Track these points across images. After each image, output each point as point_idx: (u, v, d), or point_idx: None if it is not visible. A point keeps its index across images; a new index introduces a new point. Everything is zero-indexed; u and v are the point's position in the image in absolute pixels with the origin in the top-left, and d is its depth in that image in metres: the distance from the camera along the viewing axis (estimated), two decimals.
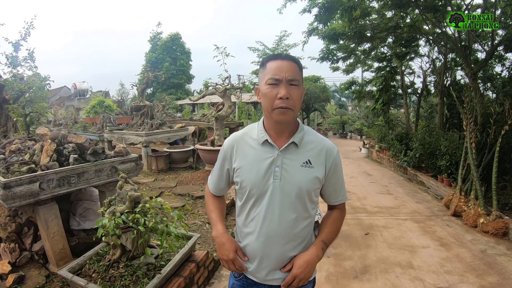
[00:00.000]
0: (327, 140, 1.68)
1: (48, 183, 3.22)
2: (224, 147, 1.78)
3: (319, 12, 8.16)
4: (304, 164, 1.58)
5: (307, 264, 1.58)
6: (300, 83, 1.53)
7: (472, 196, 5.71)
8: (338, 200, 1.75)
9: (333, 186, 1.70)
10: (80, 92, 35.26)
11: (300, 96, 1.54)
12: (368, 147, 14.52)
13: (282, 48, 18.26)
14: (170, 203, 3.80)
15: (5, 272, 3.24)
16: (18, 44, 8.44)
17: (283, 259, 1.62)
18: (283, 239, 1.60)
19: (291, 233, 1.60)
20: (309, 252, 1.62)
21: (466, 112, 6.30)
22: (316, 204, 1.69)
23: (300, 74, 1.55)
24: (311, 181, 1.58)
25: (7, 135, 6.18)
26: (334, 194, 1.73)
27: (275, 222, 1.59)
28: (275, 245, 1.61)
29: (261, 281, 1.67)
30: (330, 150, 1.63)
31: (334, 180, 1.68)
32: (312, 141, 1.64)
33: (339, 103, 41.66)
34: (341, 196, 1.74)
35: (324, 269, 3.99)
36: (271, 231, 1.60)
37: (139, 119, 10.73)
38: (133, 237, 2.69)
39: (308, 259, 1.59)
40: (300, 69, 1.56)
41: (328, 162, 1.62)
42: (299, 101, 1.54)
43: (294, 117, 1.57)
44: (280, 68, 1.50)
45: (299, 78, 1.52)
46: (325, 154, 1.62)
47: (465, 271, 3.97)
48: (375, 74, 14.28)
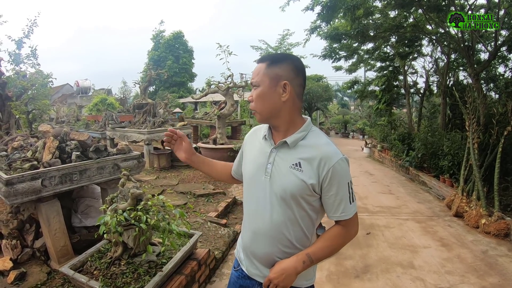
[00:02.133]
0: (330, 146, 1.53)
1: (50, 180, 3.23)
2: (245, 137, 1.84)
3: (322, 11, 8.14)
4: (293, 166, 1.50)
5: (283, 272, 1.50)
6: (262, 83, 1.50)
7: (474, 197, 5.70)
8: (335, 215, 1.54)
9: (329, 199, 1.51)
10: (83, 89, 35.43)
11: (257, 96, 1.51)
12: (370, 147, 14.50)
13: (285, 47, 18.22)
14: (172, 201, 3.79)
15: (7, 269, 3.24)
16: (21, 41, 8.48)
17: (269, 260, 1.59)
18: (270, 239, 1.56)
19: (278, 236, 1.54)
20: (288, 260, 1.53)
21: (468, 113, 6.29)
22: (310, 216, 1.56)
23: (267, 72, 1.49)
24: (297, 185, 1.47)
25: (9, 132, 6.19)
26: (331, 208, 1.53)
27: (263, 219, 1.57)
28: (261, 243, 1.59)
29: (251, 275, 1.67)
30: (328, 158, 1.47)
31: (331, 192, 1.49)
32: (310, 144, 1.53)
33: (342, 102, 41.69)
34: (339, 212, 1.52)
35: (325, 268, 3.99)
36: (258, 228, 1.59)
37: (141, 117, 10.74)
38: (135, 234, 2.70)
39: (284, 267, 1.51)
40: (272, 65, 1.50)
41: (322, 171, 1.47)
42: (258, 101, 1.51)
43: (262, 118, 1.56)
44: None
45: (260, 78, 1.49)
46: (319, 162, 1.47)
47: (466, 272, 3.97)
48: (378, 74, 14.25)
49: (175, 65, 35.64)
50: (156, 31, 37.69)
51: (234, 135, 12.84)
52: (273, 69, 1.49)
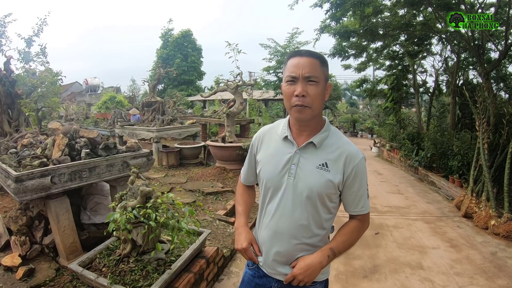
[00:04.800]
0: (352, 146, 1.60)
1: (60, 177, 3.24)
2: (253, 139, 1.81)
3: (331, 8, 8.12)
4: (320, 166, 1.54)
5: (308, 267, 1.55)
6: (320, 80, 1.48)
7: (484, 198, 5.64)
8: (356, 210, 1.64)
9: (351, 195, 1.60)
10: (92, 87, 35.69)
11: (319, 93, 1.49)
12: (379, 146, 14.40)
13: (294, 46, 18.11)
14: (180, 199, 3.79)
15: (16, 265, 3.26)
16: (30, 39, 8.53)
17: (290, 258, 1.61)
18: (292, 238, 1.59)
19: (300, 235, 1.58)
20: (313, 256, 1.57)
21: (478, 112, 6.23)
22: (332, 212, 1.63)
23: (322, 70, 1.50)
24: (324, 185, 1.52)
25: (19, 130, 6.24)
26: (352, 203, 1.62)
27: (285, 219, 1.58)
28: (282, 241, 1.60)
29: (269, 274, 1.68)
30: (352, 157, 1.55)
31: (353, 189, 1.58)
32: (334, 144, 1.58)
33: (350, 101, 41.53)
34: (359, 207, 1.63)
35: (334, 268, 3.97)
36: (280, 228, 1.60)
37: (150, 115, 10.81)
38: (144, 232, 2.71)
39: (309, 262, 1.55)
40: (323, 65, 1.51)
41: (347, 169, 1.54)
42: (318, 98, 1.49)
43: (312, 115, 1.52)
44: (297, 65, 1.48)
45: (318, 74, 1.47)
46: (345, 160, 1.54)
47: (475, 273, 3.93)
48: (387, 72, 14.16)
49: (184, 63, 35.77)
50: (164, 30, 37.83)
51: (242, 133, 12.84)
52: (325, 69, 1.52)
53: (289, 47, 18.28)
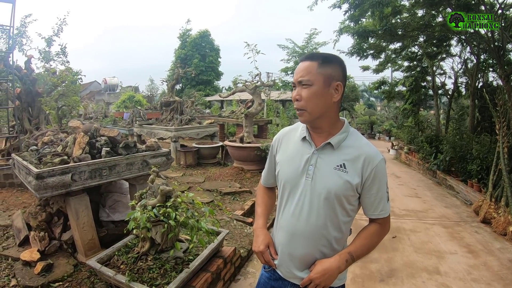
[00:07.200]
0: (371, 147, 1.57)
1: (80, 175, 3.29)
2: (273, 140, 1.82)
3: (349, 8, 8.07)
4: (338, 167, 1.52)
5: (325, 272, 1.52)
6: (314, 82, 1.47)
7: (503, 203, 5.54)
8: (375, 214, 1.60)
9: (370, 198, 1.57)
10: (110, 87, 36.15)
11: (311, 95, 1.48)
12: (396, 149, 14.28)
13: (312, 46, 18.08)
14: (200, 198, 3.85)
15: (34, 260, 3.31)
16: (51, 39, 8.69)
17: (307, 261, 1.60)
18: (309, 240, 1.57)
19: (318, 237, 1.56)
20: (331, 260, 1.54)
21: (498, 116, 6.13)
22: (350, 215, 1.60)
23: (319, 71, 1.48)
24: (342, 186, 1.50)
25: (39, 127, 6.36)
26: (371, 206, 1.59)
27: (303, 221, 1.57)
28: (299, 244, 1.59)
29: (285, 277, 1.67)
30: (371, 158, 1.52)
31: (373, 191, 1.55)
32: (352, 145, 1.56)
33: (368, 102, 41.14)
34: (379, 210, 1.59)
35: (350, 271, 3.94)
36: (297, 230, 1.59)
37: (169, 115, 10.90)
38: (163, 231, 2.73)
39: (327, 267, 1.53)
40: (324, 65, 1.49)
41: (365, 171, 1.51)
42: (311, 100, 1.49)
43: (311, 117, 1.53)
44: (296, 70, 1.55)
45: (311, 77, 1.47)
46: (363, 162, 1.51)
47: (492, 280, 3.86)
48: (405, 74, 14.01)
49: (202, 63, 35.90)
50: (183, 30, 38.05)
51: (260, 134, 12.88)
52: (326, 69, 1.49)
53: (307, 48, 18.26)
